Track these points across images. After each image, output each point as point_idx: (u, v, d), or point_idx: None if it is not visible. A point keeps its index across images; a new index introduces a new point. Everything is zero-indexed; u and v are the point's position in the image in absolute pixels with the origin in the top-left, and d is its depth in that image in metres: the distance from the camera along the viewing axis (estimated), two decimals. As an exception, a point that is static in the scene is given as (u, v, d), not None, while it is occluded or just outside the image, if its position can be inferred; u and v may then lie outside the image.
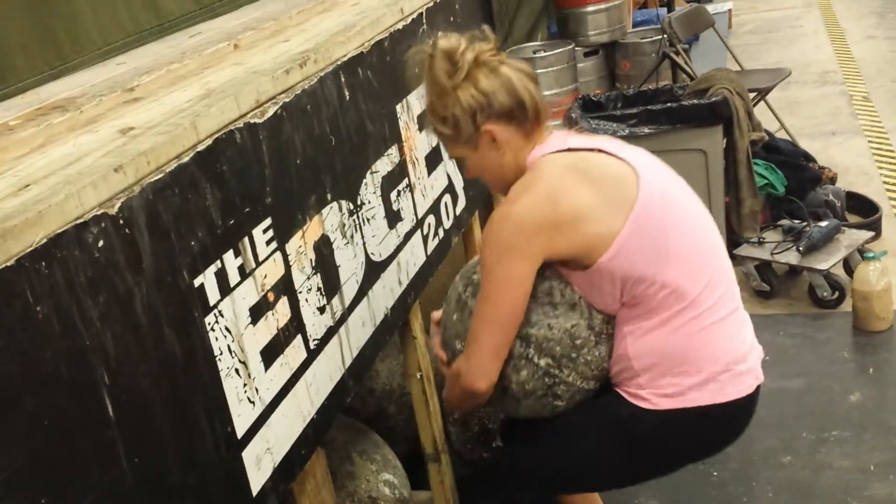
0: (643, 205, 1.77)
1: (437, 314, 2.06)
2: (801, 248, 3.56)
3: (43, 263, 1.15)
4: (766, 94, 4.76)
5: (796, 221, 3.76)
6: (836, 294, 3.49)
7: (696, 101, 3.52)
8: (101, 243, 1.25)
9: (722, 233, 3.57)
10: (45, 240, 1.15)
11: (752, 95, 4.26)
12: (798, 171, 4.12)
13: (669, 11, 5.89)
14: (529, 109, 1.83)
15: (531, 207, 1.76)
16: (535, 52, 5.56)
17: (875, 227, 3.90)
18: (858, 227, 3.84)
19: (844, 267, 3.63)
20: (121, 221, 1.28)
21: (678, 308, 1.79)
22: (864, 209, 4.12)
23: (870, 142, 5.04)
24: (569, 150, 1.83)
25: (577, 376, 1.85)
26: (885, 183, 4.49)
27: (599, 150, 1.85)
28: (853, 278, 3.35)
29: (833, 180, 4.32)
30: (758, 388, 1.88)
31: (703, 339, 1.81)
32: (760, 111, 4.56)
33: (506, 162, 1.85)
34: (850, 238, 3.64)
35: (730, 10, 7.67)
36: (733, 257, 3.67)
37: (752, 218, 3.65)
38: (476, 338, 1.82)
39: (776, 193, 3.97)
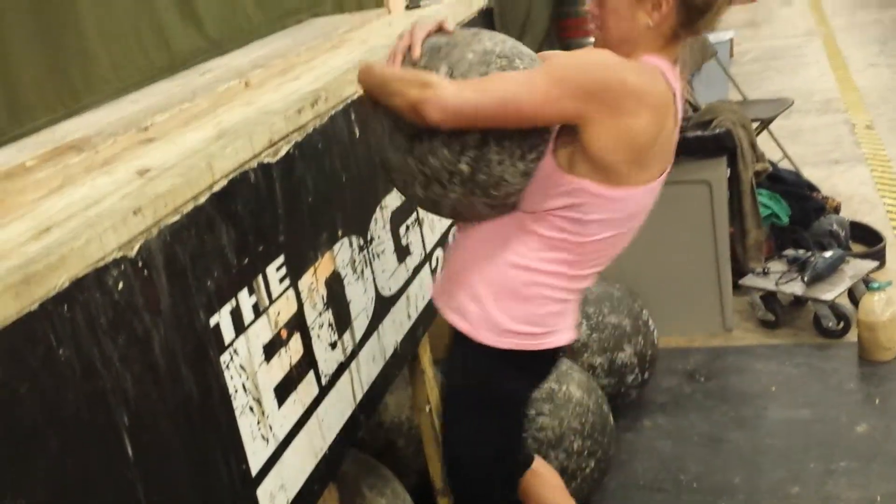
0: (654, 187, 1.76)
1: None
2: (805, 279, 3.57)
3: (65, 307, 1.17)
4: (769, 124, 4.79)
5: (801, 251, 3.78)
6: (842, 324, 3.50)
7: (699, 134, 3.55)
8: (120, 285, 1.27)
9: (727, 263, 3.60)
10: (67, 283, 1.17)
11: (754, 125, 4.29)
12: (802, 200, 4.14)
13: (672, 41, 5.92)
14: (707, 19, 1.69)
15: (639, 82, 1.62)
16: (538, 83, 5.59)
17: (879, 257, 3.92)
18: (863, 256, 3.85)
19: (850, 297, 3.64)
20: (140, 263, 1.31)
21: (564, 272, 1.79)
22: (868, 238, 4.14)
23: (873, 170, 5.06)
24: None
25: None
26: (888, 212, 4.51)
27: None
28: (858, 309, 3.36)
29: (837, 210, 4.34)
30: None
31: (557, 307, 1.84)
32: (763, 140, 4.59)
33: (640, 34, 1.67)
34: (854, 268, 3.66)
35: (731, 39, 7.70)
36: (738, 287, 3.69)
37: (756, 248, 3.67)
38: (488, 85, 1.61)
39: (780, 223, 3.99)
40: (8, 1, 2.08)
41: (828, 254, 3.67)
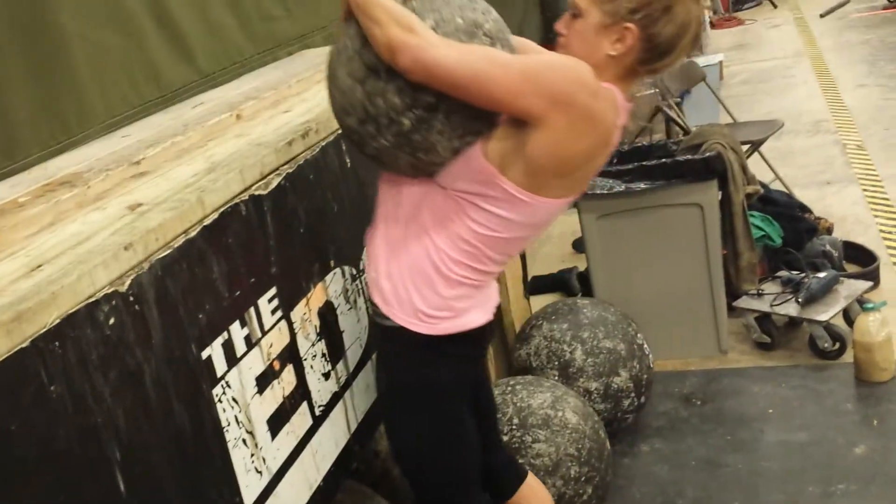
0: (563, 204, 1.78)
1: None
2: (800, 300, 3.58)
3: (56, 343, 1.17)
4: (759, 147, 4.82)
5: (794, 273, 3.79)
6: (837, 345, 3.50)
7: (690, 157, 3.56)
8: (112, 321, 1.27)
9: (721, 285, 3.61)
10: (58, 320, 1.17)
11: (745, 148, 4.31)
12: (794, 222, 4.15)
13: (662, 66, 5.96)
14: (666, 60, 1.73)
15: (596, 105, 1.64)
16: (530, 109, 5.62)
17: (873, 277, 3.92)
18: (857, 276, 3.86)
19: (844, 317, 3.64)
20: (131, 298, 1.31)
21: (467, 262, 1.78)
22: (861, 258, 4.15)
23: (865, 190, 5.08)
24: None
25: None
26: (881, 231, 4.52)
27: None
28: (854, 329, 3.36)
29: (830, 230, 4.35)
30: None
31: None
32: (754, 161, 4.61)
33: (603, 62, 1.70)
34: (848, 288, 3.66)
35: (721, 62, 7.77)
36: (732, 309, 3.70)
37: (750, 270, 3.67)
38: (469, 55, 1.59)
39: (773, 245, 4.00)
40: (2, 38, 2.10)
41: (821, 274, 3.68)
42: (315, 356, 1.85)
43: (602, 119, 1.66)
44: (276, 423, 1.68)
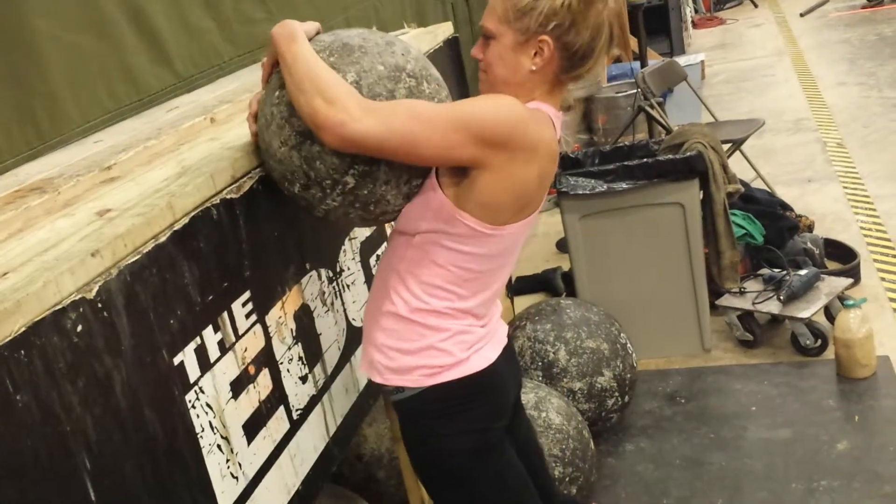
0: (530, 221, 1.77)
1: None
2: (781, 298, 3.59)
3: (22, 352, 1.15)
4: (741, 145, 4.83)
5: (776, 270, 3.80)
6: (819, 342, 3.51)
7: (671, 157, 3.57)
8: (79, 328, 1.25)
9: (703, 284, 3.62)
10: (23, 328, 1.16)
11: (726, 146, 4.32)
12: (776, 220, 4.16)
13: (643, 66, 5.98)
14: (586, 66, 1.73)
15: (536, 133, 1.65)
16: (512, 110, 5.62)
17: (854, 274, 3.94)
18: (838, 273, 3.87)
19: (826, 314, 3.65)
20: (99, 305, 1.29)
21: (449, 305, 1.76)
22: (842, 256, 4.16)
23: (845, 188, 5.10)
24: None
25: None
26: (862, 228, 4.54)
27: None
28: (835, 326, 3.37)
29: (811, 228, 4.37)
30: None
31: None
32: (736, 160, 4.63)
33: (525, 77, 1.71)
34: (829, 286, 3.68)
35: (702, 62, 7.80)
36: (715, 308, 3.70)
37: (732, 269, 3.68)
38: (394, 122, 1.55)
39: (755, 243, 4.01)
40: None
41: (803, 272, 3.69)
42: (291, 360, 1.83)
43: (543, 143, 1.67)
44: (252, 427, 1.66)
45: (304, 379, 1.88)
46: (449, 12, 4.89)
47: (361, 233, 2.20)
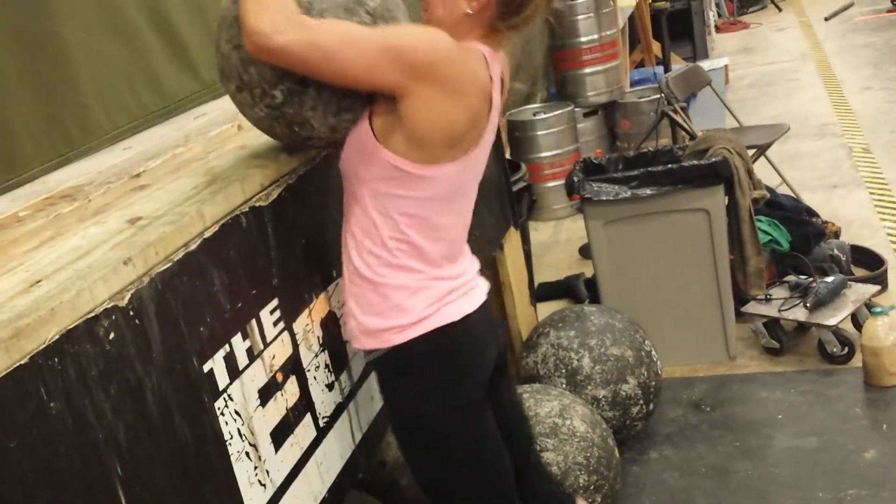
0: (470, 161, 1.76)
1: None
2: (808, 305, 3.56)
3: (56, 360, 1.16)
4: (766, 151, 4.80)
5: (802, 277, 3.76)
6: (846, 349, 3.48)
7: (696, 162, 3.55)
8: (111, 335, 1.26)
9: (728, 290, 3.59)
10: (57, 336, 1.17)
11: (751, 152, 4.29)
12: (801, 226, 4.13)
13: (666, 71, 5.96)
14: (522, 13, 1.75)
15: (459, 68, 1.66)
16: (534, 114, 5.62)
17: (881, 281, 3.90)
18: (865, 280, 3.84)
19: (853, 322, 3.62)
20: (131, 313, 1.30)
21: (411, 264, 1.76)
22: (869, 262, 4.12)
23: (871, 193, 5.06)
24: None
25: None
26: (889, 235, 4.49)
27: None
28: (862, 334, 3.34)
29: (837, 234, 4.33)
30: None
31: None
32: (761, 165, 4.59)
33: (461, 19, 1.72)
34: (856, 293, 3.64)
35: (726, 66, 7.76)
36: (740, 315, 3.68)
37: (757, 276, 3.65)
38: (319, 36, 1.56)
39: (781, 249, 3.97)
40: (3, 52, 2.10)
41: (829, 279, 3.66)
42: (318, 367, 1.84)
43: (472, 79, 1.67)
44: (280, 435, 1.67)
45: (330, 386, 1.88)
46: None
47: (387, 240, 2.21)
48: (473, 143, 1.74)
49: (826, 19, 10.20)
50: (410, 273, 1.75)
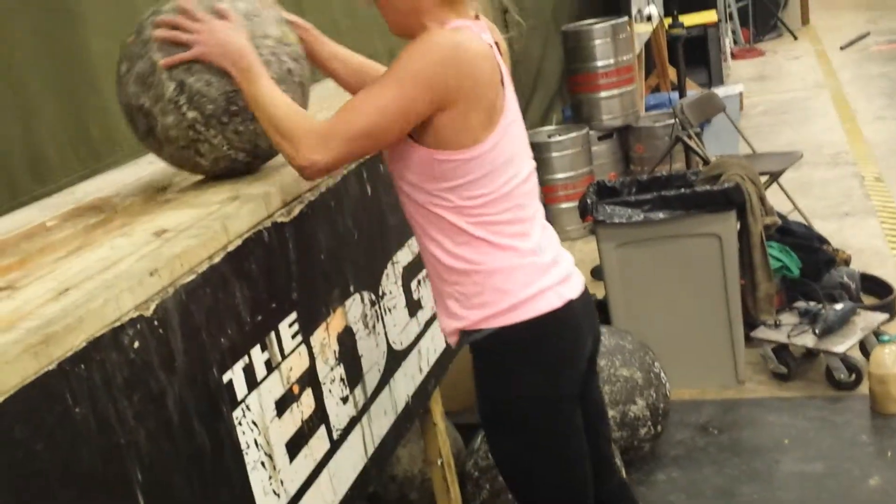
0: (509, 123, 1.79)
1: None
2: (817, 331, 3.58)
3: (82, 366, 1.20)
4: (778, 178, 4.83)
5: (812, 304, 3.79)
6: (854, 376, 3.50)
7: (709, 188, 3.58)
8: (136, 344, 1.30)
9: (738, 315, 3.62)
10: (84, 343, 1.21)
11: (764, 179, 4.32)
12: (812, 253, 4.16)
13: (681, 96, 6.00)
14: None
15: (469, 50, 1.69)
16: (549, 136, 5.67)
17: (890, 309, 3.92)
18: (874, 308, 3.86)
19: (861, 349, 3.64)
20: (155, 322, 1.34)
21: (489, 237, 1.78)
22: (879, 290, 4.14)
23: (883, 223, 5.08)
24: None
25: (224, 140, 1.77)
26: (899, 264, 4.51)
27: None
28: (869, 361, 3.36)
29: (847, 262, 4.35)
30: None
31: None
32: (773, 192, 4.62)
33: (418, 2, 1.74)
34: (865, 320, 3.66)
35: (741, 93, 7.79)
36: (750, 339, 3.70)
37: (767, 301, 3.68)
38: (348, 114, 1.67)
39: (791, 276, 4.00)
40: (32, 63, 2.15)
41: (838, 306, 3.68)
42: (334, 380, 1.87)
43: (479, 56, 1.69)
44: (295, 446, 1.70)
45: (345, 400, 1.92)
46: None
47: (404, 257, 2.25)
48: (503, 104, 1.77)
49: (842, 48, 10.23)
50: (500, 251, 1.77)
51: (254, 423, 1.57)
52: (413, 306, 2.30)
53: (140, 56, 1.74)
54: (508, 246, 1.78)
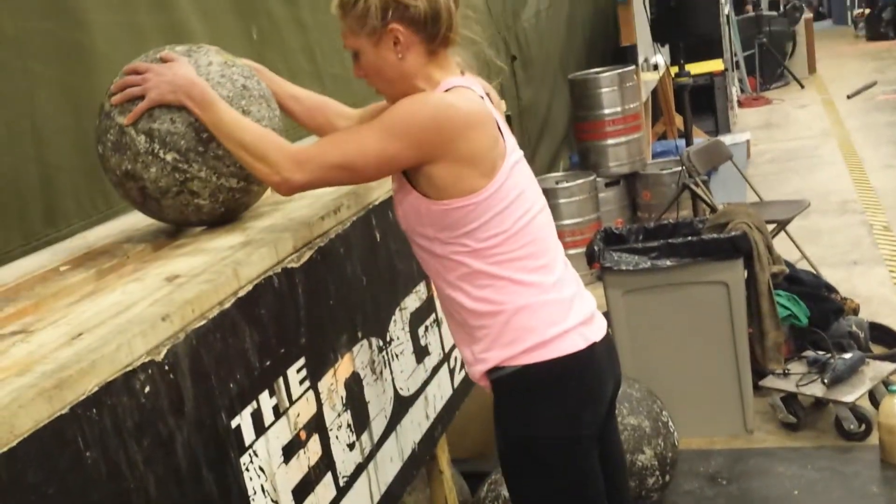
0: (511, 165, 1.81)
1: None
2: (826, 381, 3.56)
3: (94, 410, 1.21)
4: (786, 226, 4.84)
5: (820, 353, 3.78)
6: (863, 426, 3.48)
7: (716, 236, 3.60)
8: (147, 389, 1.31)
9: (747, 364, 3.61)
10: (97, 388, 1.22)
11: (771, 227, 4.34)
12: (821, 302, 4.15)
13: (688, 144, 6.04)
14: (443, 26, 1.77)
15: (460, 109, 1.73)
16: (557, 183, 5.70)
17: (899, 359, 3.91)
18: (883, 358, 3.84)
19: (870, 399, 3.62)
20: (166, 367, 1.35)
21: (509, 276, 1.80)
22: (887, 340, 4.13)
23: (891, 271, 5.08)
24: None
25: (210, 171, 1.80)
26: (908, 313, 4.50)
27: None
28: (879, 411, 3.34)
29: (856, 311, 4.34)
30: None
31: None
32: (781, 240, 4.63)
33: (404, 69, 1.78)
34: (874, 370, 3.65)
35: (748, 141, 7.84)
36: (758, 389, 3.69)
37: (776, 350, 3.67)
38: (328, 145, 1.75)
39: (799, 324, 3.99)
40: (48, 109, 2.18)
41: (847, 355, 3.67)
42: (341, 426, 1.88)
43: (472, 113, 1.73)
44: (301, 492, 1.70)
45: (351, 446, 1.92)
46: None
47: (411, 303, 2.26)
48: (503, 150, 1.80)
49: (848, 97, 10.30)
50: (523, 287, 1.80)
51: (261, 469, 1.58)
52: (420, 352, 2.30)
53: (108, 129, 1.80)
54: (531, 282, 1.81)
